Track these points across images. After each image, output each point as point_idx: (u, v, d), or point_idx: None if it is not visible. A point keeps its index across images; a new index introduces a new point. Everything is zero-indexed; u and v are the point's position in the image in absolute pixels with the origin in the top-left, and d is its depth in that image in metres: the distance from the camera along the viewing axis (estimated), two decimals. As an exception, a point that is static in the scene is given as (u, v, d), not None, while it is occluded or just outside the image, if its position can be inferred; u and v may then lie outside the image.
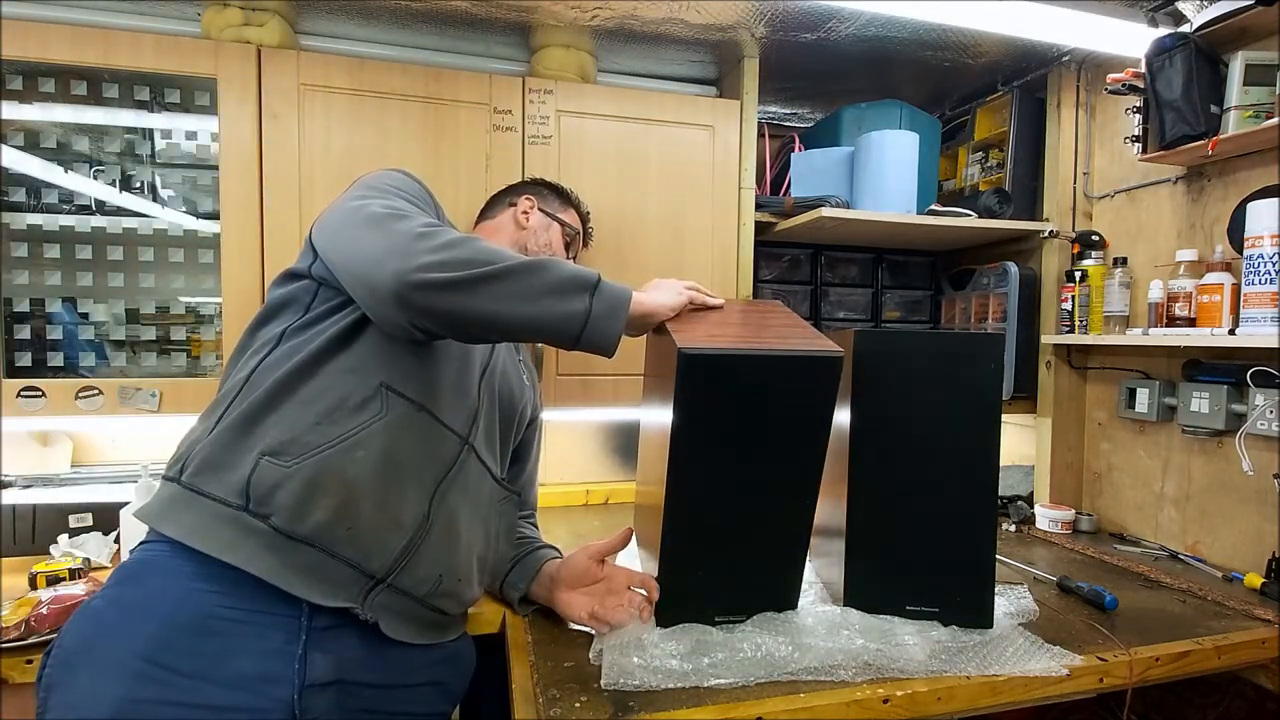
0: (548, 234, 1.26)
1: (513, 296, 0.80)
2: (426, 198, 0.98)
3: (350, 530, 0.82)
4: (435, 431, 0.91)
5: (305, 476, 0.80)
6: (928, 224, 1.64)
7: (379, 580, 0.85)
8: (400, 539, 0.86)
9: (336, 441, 0.82)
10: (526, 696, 0.88)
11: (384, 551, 0.85)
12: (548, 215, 1.27)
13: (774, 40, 1.59)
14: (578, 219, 1.34)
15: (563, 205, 1.31)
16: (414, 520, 0.87)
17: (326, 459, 0.81)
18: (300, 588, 0.79)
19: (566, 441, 1.95)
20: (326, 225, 0.90)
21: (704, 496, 0.98)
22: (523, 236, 1.23)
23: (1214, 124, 1.33)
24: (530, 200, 1.26)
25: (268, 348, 0.88)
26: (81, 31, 1.30)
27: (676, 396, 0.90)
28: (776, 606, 1.06)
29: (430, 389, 0.90)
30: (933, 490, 1.05)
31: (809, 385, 0.93)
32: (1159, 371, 1.56)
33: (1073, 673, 0.97)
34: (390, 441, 0.85)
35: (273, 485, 0.79)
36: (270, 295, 0.94)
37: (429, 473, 0.90)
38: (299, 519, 0.80)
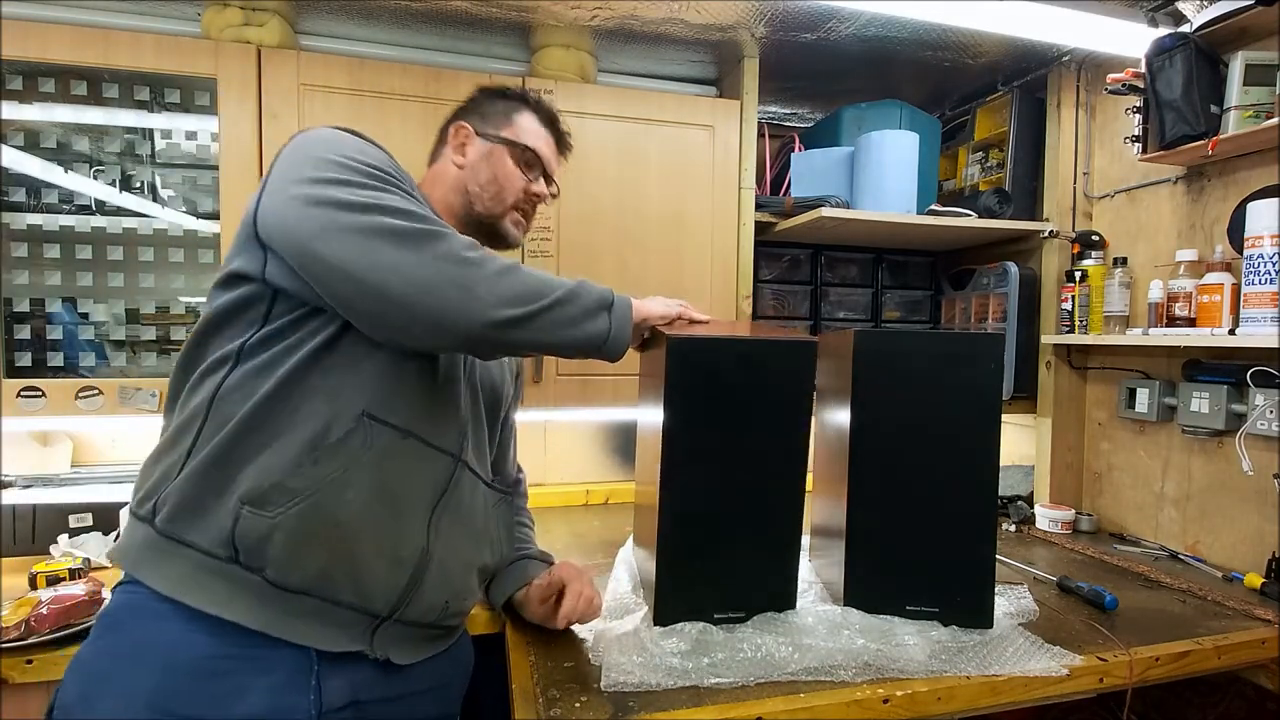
0: (489, 166, 1.01)
1: (560, 325, 0.83)
2: (391, 162, 0.87)
3: (349, 575, 0.79)
4: (426, 456, 0.86)
5: (294, 527, 0.75)
6: (928, 224, 1.64)
7: (384, 618, 0.83)
8: (402, 576, 0.83)
9: (322, 485, 0.77)
10: (526, 696, 0.88)
11: (387, 590, 0.82)
12: (488, 140, 1.03)
13: (774, 40, 1.59)
14: (535, 126, 1.06)
15: (506, 119, 1.04)
16: (414, 553, 0.84)
17: (314, 505, 0.76)
18: (302, 636, 0.77)
19: (566, 441, 1.95)
20: (304, 231, 0.76)
21: (697, 489, 1.00)
22: (461, 179, 1.01)
23: (1214, 124, 1.33)
24: (465, 128, 1.03)
25: (225, 366, 0.80)
26: (81, 31, 1.30)
27: (667, 384, 0.96)
28: (774, 602, 1.06)
29: (415, 411, 0.84)
30: (933, 490, 1.05)
31: (787, 369, 1.00)
32: (1159, 371, 1.56)
33: (1073, 673, 0.97)
34: (379, 476, 0.80)
35: (260, 537, 0.75)
36: (214, 300, 0.82)
37: (423, 501, 0.86)
38: (293, 570, 0.76)
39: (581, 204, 1.56)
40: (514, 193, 1.02)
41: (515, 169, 1.02)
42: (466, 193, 1.01)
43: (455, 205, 1.00)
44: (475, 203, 1.00)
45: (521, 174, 1.03)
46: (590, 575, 1.09)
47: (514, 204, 1.02)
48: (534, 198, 1.05)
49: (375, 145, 0.88)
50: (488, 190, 1.01)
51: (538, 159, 1.05)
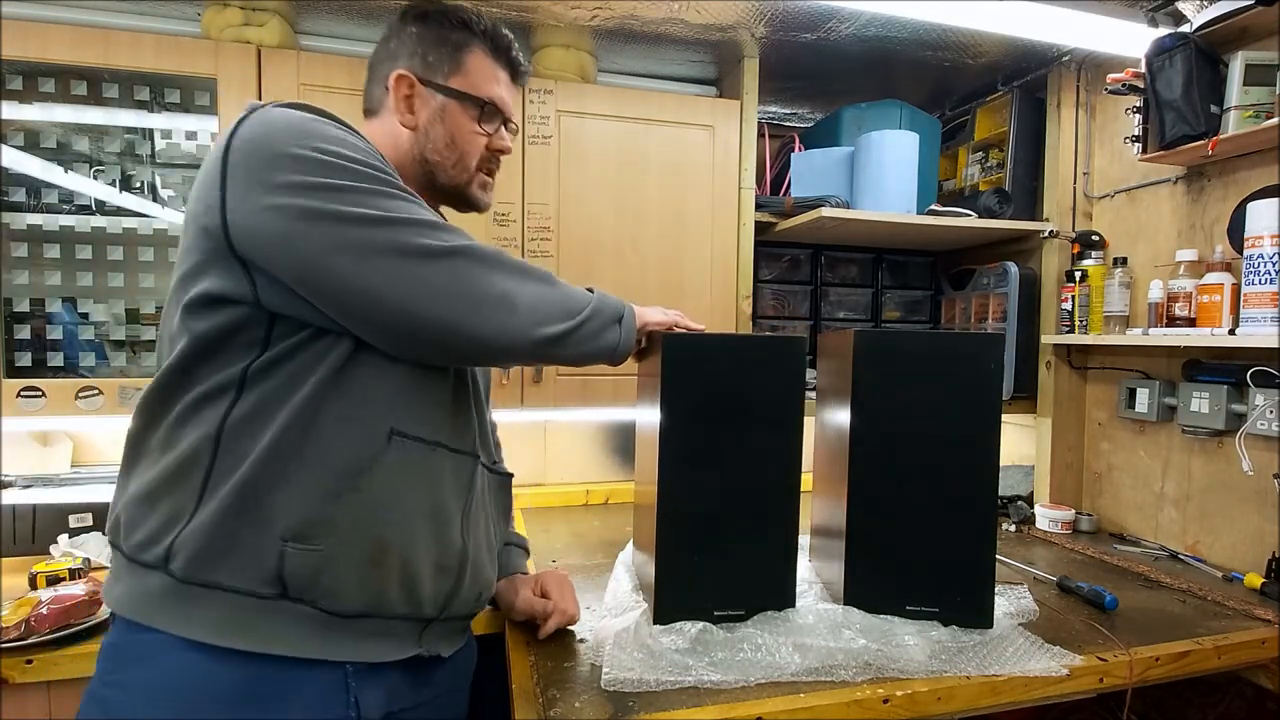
0: (445, 128, 0.90)
1: (588, 339, 0.85)
2: (374, 152, 0.78)
3: (403, 589, 0.79)
4: (452, 461, 0.85)
5: (345, 556, 0.74)
6: (928, 224, 1.64)
7: (433, 619, 0.85)
8: (447, 581, 0.84)
9: (365, 510, 0.75)
10: (526, 696, 0.88)
11: (435, 595, 0.83)
12: (438, 93, 0.89)
13: (774, 40, 1.59)
14: (487, 65, 0.92)
15: (455, 62, 0.89)
16: (456, 556, 0.85)
17: (362, 532, 0.75)
18: (353, 653, 0.77)
19: (566, 441, 1.95)
20: (309, 251, 0.69)
21: (694, 486, 1.02)
22: (416, 145, 0.90)
23: (1214, 124, 1.33)
24: (408, 78, 0.88)
25: (226, 395, 0.73)
26: (81, 31, 1.30)
27: (663, 383, 0.99)
28: (774, 600, 1.06)
29: (438, 420, 0.83)
30: (933, 490, 1.05)
31: (778, 365, 1.03)
32: (1159, 371, 1.56)
33: (1073, 673, 0.97)
34: (418, 491, 0.80)
35: (313, 571, 0.73)
36: (193, 324, 0.73)
37: (457, 505, 0.85)
38: (350, 597, 0.75)
39: (581, 204, 1.56)
40: (477, 154, 0.93)
41: (474, 126, 0.91)
42: (426, 162, 0.90)
43: (415, 175, 0.91)
44: (438, 173, 0.91)
45: (482, 131, 0.92)
46: (571, 583, 1.11)
47: (479, 166, 0.94)
48: (499, 154, 0.96)
49: (347, 128, 0.78)
50: (449, 158, 0.91)
51: (498, 110, 0.93)
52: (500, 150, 0.96)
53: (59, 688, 1.02)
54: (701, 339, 1.03)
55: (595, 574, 1.33)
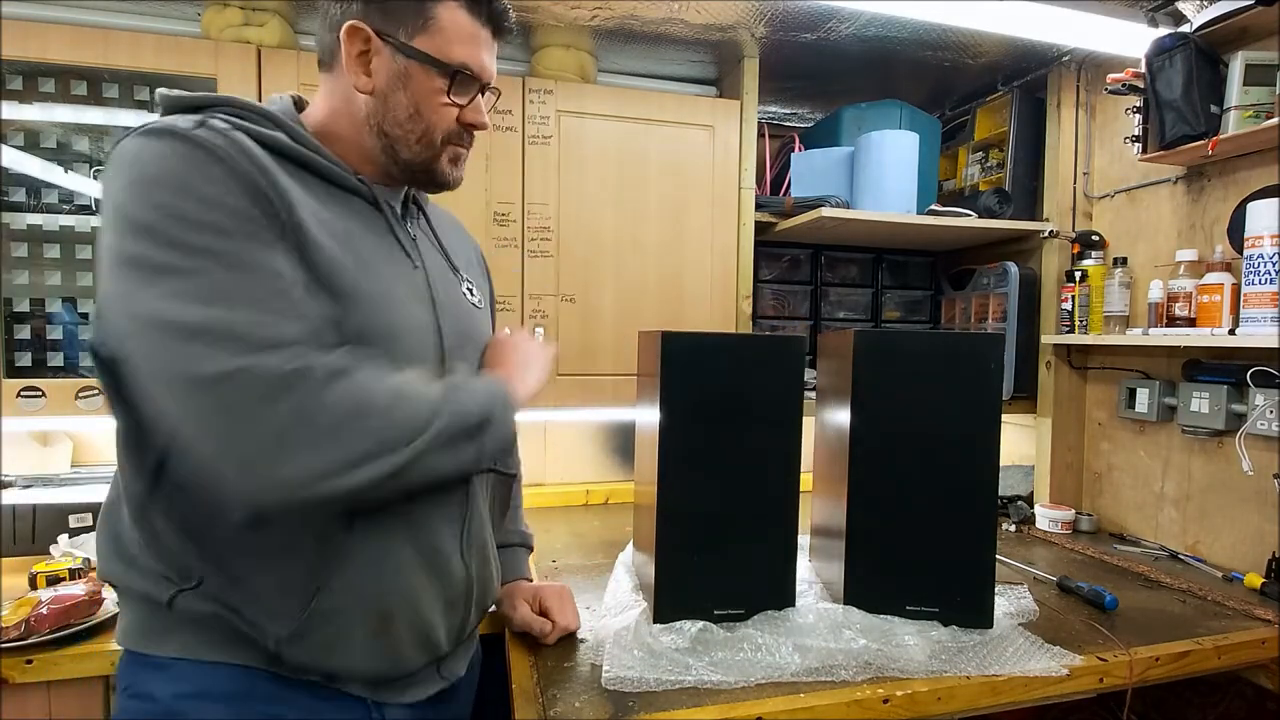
0: (408, 96, 0.76)
1: (424, 472, 0.67)
2: (238, 208, 0.62)
3: (419, 643, 0.77)
4: (438, 498, 0.78)
5: (348, 637, 0.71)
6: (928, 224, 1.64)
7: (448, 653, 0.82)
8: (459, 614, 0.82)
9: (353, 593, 0.70)
10: (526, 696, 0.88)
11: (450, 630, 0.81)
12: (400, 52, 0.75)
13: (774, 40, 1.59)
14: (463, 20, 0.77)
15: (422, 15, 0.75)
16: (461, 587, 0.81)
17: (358, 611, 0.71)
18: (376, 697, 0.76)
19: (566, 441, 1.95)
20: (138, 366, 0.60)
21: (693, 484, 1.02)
22: (373, 113, 0.77)
23: (1214, 124, 1.33)
24: (361, 29, 0.74)
25: (157, 494, 0.69)
26: (81, 31, 1.30)
27: (662, 382, 0.99)
28: (774, 599, 1.06)
29: None
30: (933, 490, 1.05)
31: (778, 365, 1.04)
32: (1159, 371, 1.56)
33: (1073, 673, 0.97)
34: (405, 546, 0.74)
35: (317, 660, 0.71)
36: (115, 408, 0.70)
37: (453, 536, 0.80)
38: (367, 667, 0.73)
39: (581, 204, 1.56)
40: (445, 129, 0.79)
41: (443, 97, 0.77)
42: (385, 135, 0.78)
43: (373, 150, 0.79)
44: (400, 148, 0.78)
45: (453, 102, 0.78)
46: (571, 594, 1.09)
47: (447, 140, 0.80)
48: (473, 129, 0.82)
49: (215, 158, 0.62)
50: (412, 131, 0.77)
51: (473, 78, 0.78)
52: (474, 125, 0.82)
53: (59, 688, 1.02)
54: (702, 339, 1.03)
55: (595, 574, 1.33)
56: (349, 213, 0.75)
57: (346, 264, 0.70)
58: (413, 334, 0.76)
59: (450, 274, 0.88)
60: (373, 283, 0.72)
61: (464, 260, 0.95)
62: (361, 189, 0.78)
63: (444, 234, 0.93)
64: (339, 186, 0.76)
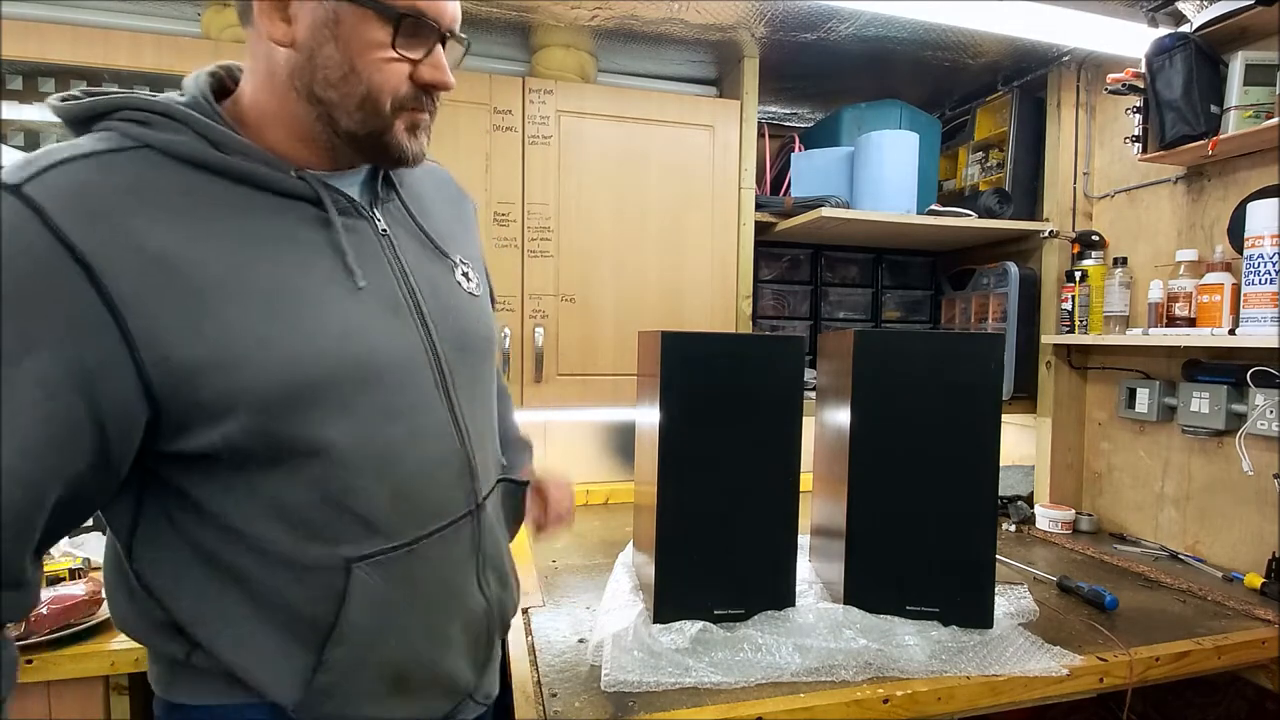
0: (340, 52, 0.60)
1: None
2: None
3: (445, 682, 0.71)
4: (445, 540, 0.69)
5: (365, 697, 0.65)
6: (928, 224, 1.64)
7: (478, 684, 0.76)
8: (482, 648, 0.76)
9: (359, 654, 0.63)
10: (526, 696, 0.88)
11: (477, 659, 0.75)
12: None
13: (774, 40, 1.59)
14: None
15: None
16: (482, 619, 0.74)
17: (373, 672, 0.65)
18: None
19: (566, 441, 1.95)
20: None
21: (693, 484, 1.02)
22: (298, 77, 0.61)
23: (1214, 124, 1.33)
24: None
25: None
26: (81, 31, 1.30)
27: (662, 382, 0.99)
28: (774, 599, 1.06)
29: (402, 511, 0.65)
30: (933, 490, 1.05)
31: (778, 365, 1.04)
32: (1159, 371, 1.56)
33: (1073, 673, 0.97)
34: (418, 601, 0.67)
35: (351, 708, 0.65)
36: None
37: (468, 574, 0.72)
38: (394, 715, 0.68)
39: (581, 204, 1.56)
40: (394, 91, 0.63)
41: (387, 50, 0.61)
42: (317, 100, 0.61)
43: (306, 122, 0.63)
44: (338, 115, 0.62)
45: (401, 56, 0.61)
46: (571, 488, 1.01)
47: (399, 105, 0.64)
48: (434, 89, 0.66)
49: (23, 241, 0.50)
50: (349, 95, 0.61)
51: (424, 23, 0.61)
52: (435, 86, 0.65)
53: (59, 688, 1.02)
54: (701, 339, 1.03)
55: (595, 574, 1.33)
56: (290, 231, 0.61)
57: (273, 310, 0.57)
58: (395, 366, 0.64)
59: (435, 262, 0.74)
60: (319, 320, 0.60)
61: (453, 233, 0.79)
62: (301, 189, 0.62)
63: (425, 207, 0.77)
64: (274, 192, 0.61)
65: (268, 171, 0.61)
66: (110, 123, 0.58)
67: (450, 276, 0.75)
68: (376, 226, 0.69)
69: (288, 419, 0.58)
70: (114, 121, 0.58)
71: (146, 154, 0.57)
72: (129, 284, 0.52)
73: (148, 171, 0.56)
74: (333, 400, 0.60)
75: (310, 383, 0.58)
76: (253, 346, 0.56)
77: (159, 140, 0.57)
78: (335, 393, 0.60)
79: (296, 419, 0.58)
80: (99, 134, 0.58)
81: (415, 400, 0.66)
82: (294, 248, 0.61)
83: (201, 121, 0.59)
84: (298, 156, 0.64)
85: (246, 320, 0.56)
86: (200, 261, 0.55)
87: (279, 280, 0.59)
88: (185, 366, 0.54)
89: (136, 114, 0.58)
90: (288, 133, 0.63)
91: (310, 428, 0.59)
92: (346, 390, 0.61)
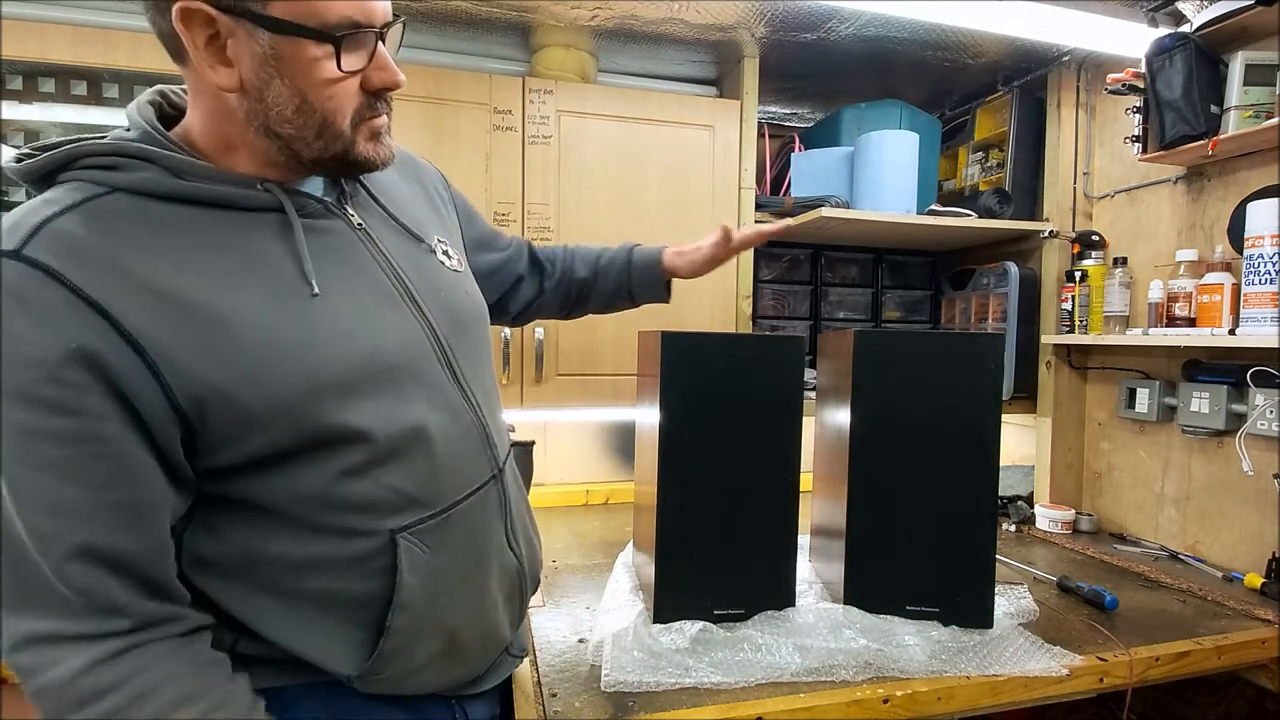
0: (289, 86, 0.60)
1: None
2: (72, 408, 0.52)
3: (485, 643, 0.77)
4: (474, 506, 0.73)
5: (422, 660, 0.69)
6: (928, 224, 1.64)
7: (512, 639, 0.82)
8: (515, 604, 0.81)
9: (416, 623, 0.67)
10: (526, 696, 0.88)
11: (512, 618, 0.81)
12: (260, 28, 0.58)
13: (774, 40, 1.59)
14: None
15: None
16: (514, 578, 0.79)
17: (428, 636, 0.69)
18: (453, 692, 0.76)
19: (566, 441, 1.95)
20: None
21: (693, 484, 1.02)
22: (257, 116, 0.61)
23: (1214, 124, 1.33)
24: (197, 8, 0.57)
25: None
26: (81, 31, 1.30)
27: (662, 382, 0.99)
28: (774, 599, 1.06)
29: (435, 482, 0.69)
30: (933, 490, 1.05)
31: (778, 365, 1.04)
32: (1159, 371, 1.56)
33: (1073, 673, 0.97)
34: (456, 566, 0.71)
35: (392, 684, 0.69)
36: None
37: (498, 538, 0.77)
38: (444, 681, 0.73)
39: (581, 204, 1.56)
40: (349, 107, 0.63)
41: (332, 70, 0.60)
42: (277, 137, 0.62)
43: (272, 155, 0.64)
44: (299, 148, 0.63)
45: (346, 72, 0.61)
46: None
47: (357, 118, 0.65)
48: (383, 91, 0.66)
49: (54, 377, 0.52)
50: (307, 127, 0.62)
51: (363, 34, 0.61)
52: (386, 87, 0.65)
53: (59, 688, 1.02)
54: (701, 339, 1.03)
55: (595, 574, 1.33)
56: (260, 248, 0.62)
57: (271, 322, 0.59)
58: (401, 354, 0.67)
59: (414, 245, 0.76)
60: (322, 323, 0.62)
61: (424, 214, 0.82)
62: (268, 201, 0.63)
63: (391, 194, 0.78)
64: (242, 208, 0.62)
65: (234, 190, 0.62)
66: (73, 173, 0.59)
67: (432, 258, 0.77)
68: (352, 222, 0.70)
69: (317, 417, 0.61)
70: (76, 171, 0.59)
71: (116, 197, 0.58)
72: (141, 321, 0.54)
73: (123, 213, 0.57)
74: (354, 394, 0.63)
75: (329, 384, 0.61)
76: (268, 360, 0.58)
77: (125, 181, 0.58)
78: (354, 388, 0.63)
79: (325, 415, 0.61)
80: (67, 186, 0.58)
81: (426, 381, 0.69)
82: (276, 259, 0.63)
83: (160, 154, 0.60)
84: (262, 174, 0.65)
85: (255, 335, 0.58)
86: (194, 288, 0.57)
87: (272, 292, 0.61)
88: (210, 389, 0.56)
89: (98, 159, 0.59)
90: (249, 156, 0.65)
91: (340, 419, 0.62)
92: (363, 384, 0.63)
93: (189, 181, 0.60)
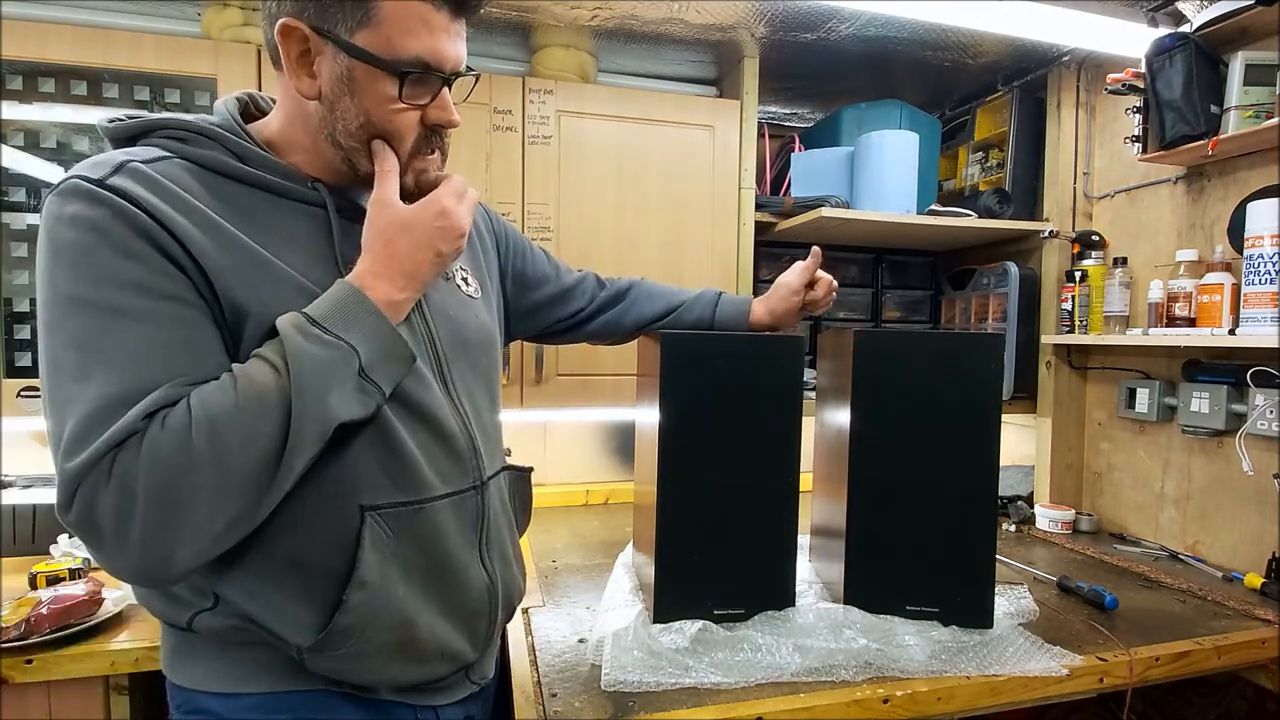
0: (357, 105, 0.68)
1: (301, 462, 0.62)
2: (141, 277, 0.60)
3: (443, 655, 0.75)
4: (450, 508, 0.74)
5: (371, 654, 0.70)
6: (928, 224, 1.64)
7: (476, 659, 0.80)
8: (481, 620, 0.79)
9: (371, 610, 0.68)
10: (526, 696, 0.88)
11: (476, 637, 0.78)
12: (341, 50, 0.66)
13: (774, 40, 1.59)
14: (413, 14, 0.66)
15: (360, 9, 0.65)
16: (483, 595, 0.78)
17: (377, 629, 0.69)
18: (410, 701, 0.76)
19: (566, 441, 1.95)
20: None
21: (693, 483, 1.02)
22: (324, 125, 0.70)
23: (1214, 124, 1.33)
24: (296, 26, 0.66)
25: None
26: (81, 31, 1.30)
27: (662, 382, 0.99)
28: (774, 599, 1.06)
29: (410, 472, 0.71)
30: (933, 490, 1.05)
31: (778, 365, 1.03)
32: (1159, 371, 1.56)
33: (1073, 673, 0.97)
34: (421, 560, 0.72)
35: (340, 670, 0.70)
36: None
37: (470, 546, 0.77)
38: (392, 680, 0.73)
39: (581, 204, 1.56)
40: (409, 136, 0.71)
41: (396, 101, 0.68)
42: (340, 147, 0.70)
43: (334, 164, 0.72)
44: (358, 161, 0.71)
45: (408, 105, 0.69)
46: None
47: (414, 150, 0.73)
48: (438, 127, 0.73)
49: (117, 217, 0.60)
50: (365, 144, 0.70)
51: (429, 73, 0.69)
52: (442, 125, 0.73)
53: (59, 688, 1.02)
54: (701, 339, 1.03)
55: (595, 574, 1.33)
56: (300, 231, 0.70)
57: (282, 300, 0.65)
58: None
59: None
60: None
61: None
62: (313, 197, 0.71)
63: None
64: (290, 199, 0.70)
65: (286, 182, 0.70)
66: (150, 139, 0.69)
67: (451, 280, 0.84)
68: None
69: None
70: (153, 138, 0.69)
71: (182, 163, 0.67)
72: (201, 243, 0.62)
73: (187, 173, 0.66)
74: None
75: None
76: (297, 303, 0.65)
77: (193, 154, 0.67)
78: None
79: None
80: (143, 145, 0.68)
81: (419, 378, 0.73)
82: (307, 245, 0.70)
83: (229, 139, 0.69)
84: (317, 176, 0.73)
85: (291, 280, 0.66)
86: (244, 233, 0.65)
87: (307, 259, 0.68)
88: (238, 309, 0.63)
89: (175, 132, 0.69)
90: (312, 159, 0.73)
91: None
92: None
93: (247, 166, 0.69)
